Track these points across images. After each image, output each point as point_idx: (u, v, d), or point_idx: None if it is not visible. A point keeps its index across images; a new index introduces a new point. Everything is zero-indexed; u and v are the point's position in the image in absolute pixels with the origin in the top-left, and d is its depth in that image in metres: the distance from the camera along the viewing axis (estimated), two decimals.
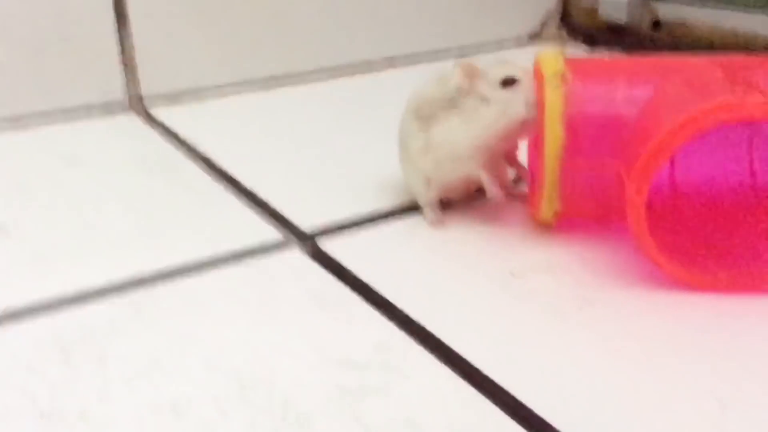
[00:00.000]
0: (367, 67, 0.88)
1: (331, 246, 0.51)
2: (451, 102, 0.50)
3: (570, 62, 0.50)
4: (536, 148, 0.50)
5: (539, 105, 0.49)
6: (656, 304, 0.44)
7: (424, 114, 0.51)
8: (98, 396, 0.37)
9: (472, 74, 0.49)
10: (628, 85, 0.49)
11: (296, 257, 0.50)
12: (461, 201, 0.55)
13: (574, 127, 0.47)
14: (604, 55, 0.91)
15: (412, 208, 0.55)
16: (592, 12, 0.96)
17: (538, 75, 0.50)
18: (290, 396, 0.36)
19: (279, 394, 0.36)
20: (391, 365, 0.39)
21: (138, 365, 0.39)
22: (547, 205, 0.49)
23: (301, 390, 0.37)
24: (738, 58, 0.50)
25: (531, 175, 0.52)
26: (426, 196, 0.53)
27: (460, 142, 0.50)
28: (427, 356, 0.39)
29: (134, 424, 0.35)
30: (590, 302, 0.44)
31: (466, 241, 0.51)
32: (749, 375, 0.38)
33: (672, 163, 0.55)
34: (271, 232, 0.53)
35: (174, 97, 0.79)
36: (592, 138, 0.48)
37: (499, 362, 0.39)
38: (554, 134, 0.47)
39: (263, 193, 0.58)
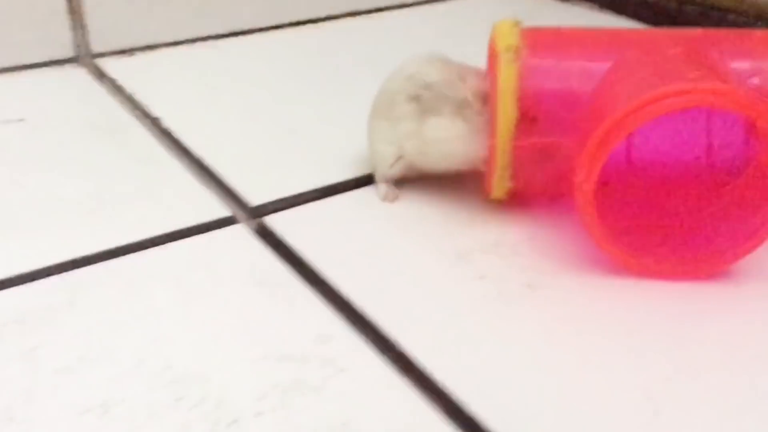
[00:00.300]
0: (329, 21, 0.85)
1: (278, 222, 0.49)
2: (459, 106, 0.48)
3: (526, 33, 0.48)
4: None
5: (492, 81, 0.47)
6: (604, 291, 0.43)
7: (425, 102, 0.49)
8: (25, 394, 0.36)
9: (485, 100, 0.48)
10: (585, 58, 0.47)
11: (241, 235, 0.48)
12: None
13: (527, 104, 0.46)
14: (577, 6, 0.89)
15: (366, 179, 0.54)
16: None
17: (492, 48, 0.48)
18: (224, 396, 0.36)
19: (212, 393, 0.36)
20: (331, 359, 0.38)
21: (68, 360, 0.38)
22: (499, 184, 0.48)
23: (235, 389, 0.36)
24: (698, 32, 0.49)
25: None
26: (388, 171, 0.52)
27: (458, 151, 0.49)
28: (368, 349, 0.39)
29: (60, 426, 0.34)
30: (536, 287, 0.44)
31: (416, 219, 0.50)
32: (684, 371, 0.38)
33: (629, 134, 0.53)
34: (216, 206, 0.51)
35: (125, 53, 0.76)
36: (546, 115, 0.46)
37: (440, 356, 0.38)
38: (506, 112, 0.46)
39: (212, 161, 0.56)
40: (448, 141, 0.49)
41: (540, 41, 0.48)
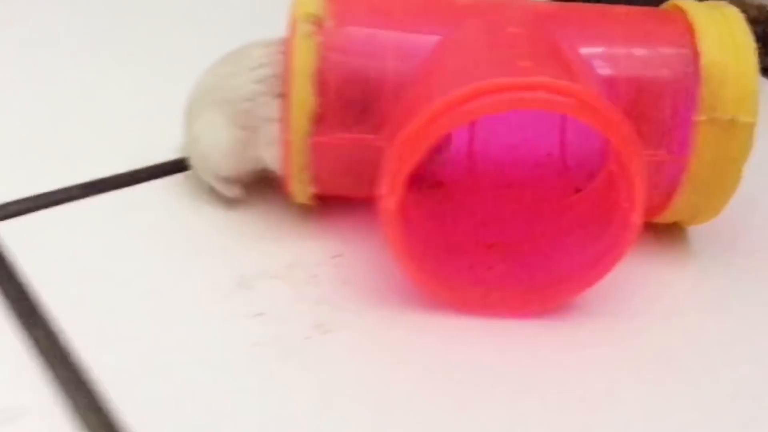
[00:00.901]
0: None
1: (10, 233, 0.38)
2: None
3: None
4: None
5: (286, 58, 0.37)
6: (408, 333, 0.34)
7: None
8: None
9: None
10: (407, 29, 0.38)
11: None
12: None
13: (329, 89, 0.36)
14: None
15: (149, 172, 0.43)
16: None
17: (291, 17, 0.38)
18: None
19: None
20: None
21: None
22: (299, 188, 0.38)
23: None
24: (552, 7, 0.40)
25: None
26: (224, 174, 0.40)
27: None
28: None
29: None
30: (326, 329, 0.34)
31: (198, 229, 0.40)
32: None
33: (472, 125, 0.44)
34: None
35: None
36: (355, 105, 0.37)
37: None
38: (302, 100, 0.36)
39: None
40: None
41: (351, 7, 0.38)
